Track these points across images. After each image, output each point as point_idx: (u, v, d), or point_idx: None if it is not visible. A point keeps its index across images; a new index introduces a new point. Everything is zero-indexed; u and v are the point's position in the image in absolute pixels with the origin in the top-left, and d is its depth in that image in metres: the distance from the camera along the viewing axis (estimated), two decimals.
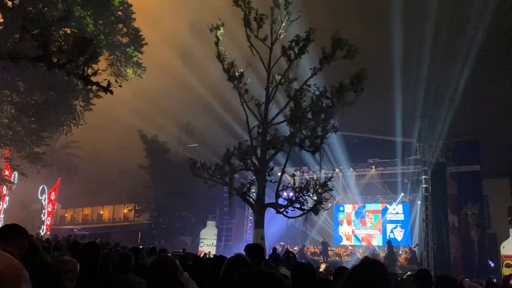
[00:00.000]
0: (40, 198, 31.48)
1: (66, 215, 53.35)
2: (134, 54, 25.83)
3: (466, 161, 22.67)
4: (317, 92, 17.37)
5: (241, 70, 18.65)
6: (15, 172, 26.72)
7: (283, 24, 18.41)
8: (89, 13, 21.92)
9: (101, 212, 52.26)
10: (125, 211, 49.16)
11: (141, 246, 18.51)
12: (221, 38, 18.85)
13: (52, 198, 31.67)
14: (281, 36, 18.48)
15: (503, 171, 27.92)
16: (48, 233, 29.14)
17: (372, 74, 18.02)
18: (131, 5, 25.94)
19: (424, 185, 24.15)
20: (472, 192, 22.41)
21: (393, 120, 27.01)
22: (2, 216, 28.06)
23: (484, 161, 23.05)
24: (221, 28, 18.55)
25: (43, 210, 31.05)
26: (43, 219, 30.81)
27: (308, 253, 26.98)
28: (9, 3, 15.59)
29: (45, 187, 31.61)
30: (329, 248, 27.23)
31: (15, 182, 27.79)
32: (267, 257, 9.57)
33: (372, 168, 27.67)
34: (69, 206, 50.71)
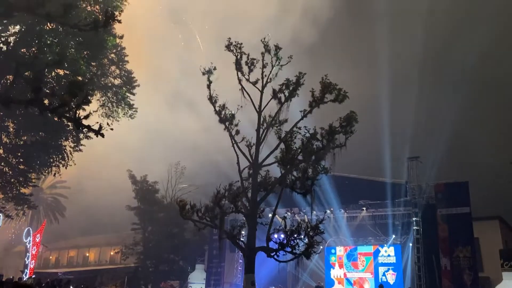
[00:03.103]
0: (24, 240, 30.63)
1: (51, 257, 51.71)
2: (126, 96, 26.02)
3: (456, 203, 22.72)
4: (307, 134, 17.55)
5: (232, 112, 18.87)
6: (0, 214, 26.11)
7: (274, 68, 18.85)
8: (82, 55, 22.21)
9: (87, 254, 50.79)
10: (111, 253, 47.86)
11: None
12: (213, 81, 19.19)
13: (37, 240, 30.82)
14: (272, 80, 18.86)
15: (493, 213, 28.06)
16: (32, 277, 28.14)
17: (362, 116, 18.35)
18: (124, 48, 26.40)
19: (415, 227, 24.03)
20: (463, 234, 22.33)
21: (383, 161, 27.26)
22: None
23: (474, 203, 23.15)
24: (213, 72, 18.92)
25: (27, 253, 30.14)
26: (26, 262, 29.84)
27: None
28: (4, 47, 15.77)
29: (31, 229, 30.86)
30: None
31: (0, 224, 27.08)
32: None
33: (363, 209, 27.55)
34: (54, 248, 49.31)
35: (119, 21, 9.99)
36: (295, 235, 16.86)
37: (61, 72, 22.14)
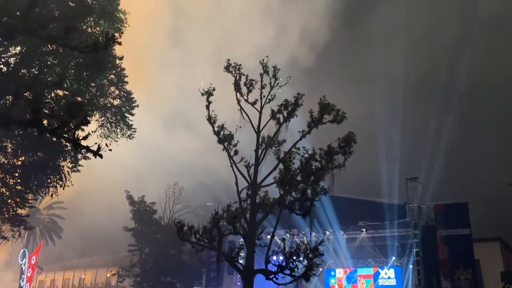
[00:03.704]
0: (20, 262, 30.22)
1: (46, 279, 50.98)
2: (125, 116, 26.02)
3: (456, 224, 22.62)
4: (306, 155, 17.54)
5: (231, 132, 18.90)
6: None
7: (272, 89, 18.97)
8: (82, 76, 22.32)
9: (83, 277, 50.07)
10: (108, 275, 47.18)
11: None
12: (212, 102, 19.29)
13: (33, 262, 30.43)
14: (271, 101, 18.96)
15: (493, 234, 27.88)
16: None
17: (361, 136, 18.39)
18: (124, 69, 26.55)
19: (415, 249, 23.85)
20: (463, 256, 22.15)
21: (382, 182, 27.19)
22: None
23: (473, 224, 23.03)
24: (212, 92, 19.05)
25: (22, 276, 29.70)
26: (21, 284, 29.38)
27: None
28: (4, 68, 15.86)
29: (26, 250, 30.48)
30: None
31: None
32: None
33: (362, 231, 27.37)
34: (49, 269, 48.62)
35: (120, 43, 10.07)
36: (294, 257, 16.69)
37: (60, 92, 22.21)
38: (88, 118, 10.25)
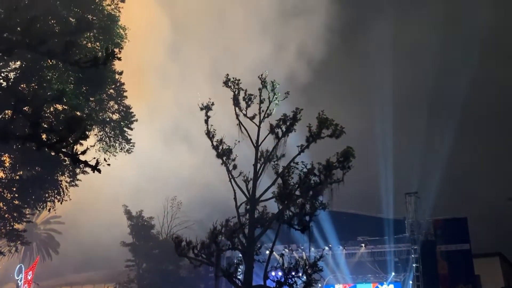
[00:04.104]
0: (16, 278, 29.87)
1: None
2: (124, 130, 26.04)
3: (456, 240, 22.51)
4: (304, 170, 17.52)
5: (230, 146, 18.92)
6: None
7: (271, 104, 19.06)
8: (82, 90, 22.38)
9: None
10: None
11: None
12: (210, 116, 19.36)
13: (29, 277, 30.09)
14: (269, 115, 19.03)
15: (493, 249, 27.73)
16: None
17: (360, 150, 18.41)
18: (123, 84, 26.66)
19: (414, 264, 23.67)
20: (463, 271, 21.98)
21: (381, 196, 27.11)
22: None
23: (473, 238, 22.94)
24: (211, 107, 19.13)
25: None
26: None
27: None
28: (3, 83, 15.92)
29: (23, 266, 30.16)
30: None
31: None
32: None
33: (362, 246, 27.21)
34: (46, 285, 48.03)
35: (119, 59, 10.17)
36: (293, 273, 16.57)
37: (59, 107, 22.25)
38: (87, 132, 10.28)
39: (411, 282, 25.28)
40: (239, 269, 17.85)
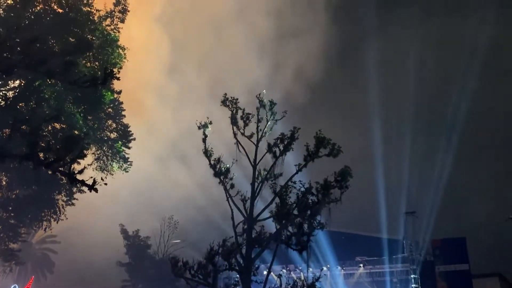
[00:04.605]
0: None
1: None
2: (121, 149, 26.04)
3: (455, 260, 22.36)
4: (302, 189, 17.47)
5: (228, 165, 18.88)
6: None
7: (269, 122, 19.13)
8: (80, 110, 22.46)
9: None
10: None
11: None
12: (208, 135, 19.38)
13: None
14: (267, 134, 19.08)
15: (492, 269, 27.50)
16: None
17: (357, 169, 18.42)
18: (121, 103, 26.77)
19: (413, 285, 23.43)
20: None
21: (379, 216, 26.99)
22: None
23: (472, 258, 22.79)
24: (209, 126, 19.16)
25: None
26: None
27: None
28: (2, 102, 15.98)
29: (17, 286, 29.70)
30: None
31: None
32: None
33: (360, 266, 26.96)
34: None
35: (118, 79, 10.26)
36: None
37: (57, 125, 22.29)
38: (85, 151, 10.29)
39: None
40: None
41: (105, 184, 10.06)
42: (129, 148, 26.93)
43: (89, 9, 22.88)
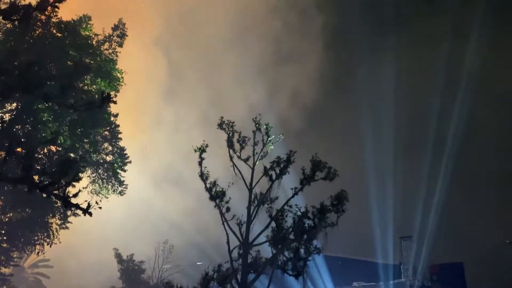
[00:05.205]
0: None
1: None
2: (117, 172, 25.90)
3: (452, 285, 22.14)
4: (298, 213, 17.39)
5: (223, 189, 18.80)
6: None
7: (265, 146, 19.19)
8: (76, 132, 22.43)
9: None
10: None
11: None
12: (204, 158, 19.38)
13: None
14: (263, 157, 19.10)
15: None
16: None
17: (354, 193, 18.39)
18: (118, 125, 26.78)
19: None
20: None
21: (375, 240, 26.78)
22: None
23: (471, 283, 22.55)
24: (205, 149, 19.19)
25: None
26: None
27: None
28: None
29: None
30: None
31: None
32: None
33: None
34: None
35: (115, 102, 10.32)
36: None
37: (53, 148, 22.21)
38: (80, 174, 10.25)
39: None
40: None
41: (100, 208, 10.00)
42: (124, 171, 26.80)
43: (87, 34, 23.17)
